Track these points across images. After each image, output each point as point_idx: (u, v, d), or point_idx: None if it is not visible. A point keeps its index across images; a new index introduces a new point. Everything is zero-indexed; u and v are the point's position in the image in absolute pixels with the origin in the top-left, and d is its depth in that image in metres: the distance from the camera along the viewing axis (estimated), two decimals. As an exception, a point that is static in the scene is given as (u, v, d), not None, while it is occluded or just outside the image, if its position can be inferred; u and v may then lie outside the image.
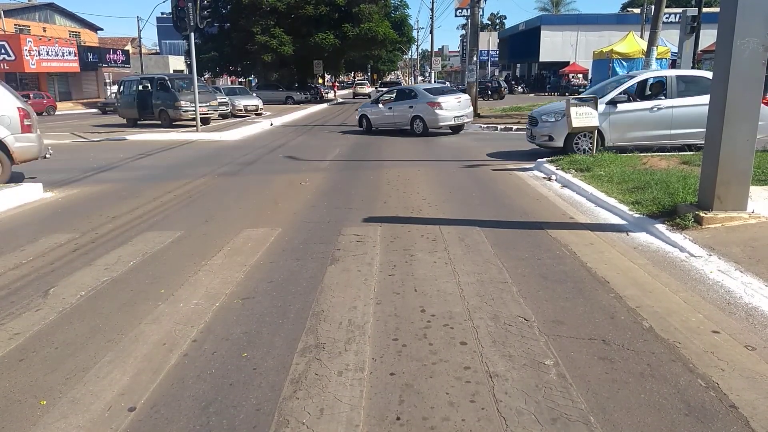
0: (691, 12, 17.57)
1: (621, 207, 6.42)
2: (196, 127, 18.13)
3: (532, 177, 9.20)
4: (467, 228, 5.99)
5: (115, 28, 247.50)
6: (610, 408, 2.70)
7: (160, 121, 20.94)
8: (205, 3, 21.38)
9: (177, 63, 51.85)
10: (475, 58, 21.38)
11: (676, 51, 20.07)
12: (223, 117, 23.75)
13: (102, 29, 55.31)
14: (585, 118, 9.62)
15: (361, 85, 56.72)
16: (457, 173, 9.82)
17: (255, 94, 30.21)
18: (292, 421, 2.67)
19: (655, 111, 10.33)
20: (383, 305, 3.99)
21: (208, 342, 3.51)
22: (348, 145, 14.88)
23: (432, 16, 46.36)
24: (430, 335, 3.51)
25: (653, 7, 17.13)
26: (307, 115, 28.15)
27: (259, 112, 26.91)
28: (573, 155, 9.77)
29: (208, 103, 21.05)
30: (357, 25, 36.62)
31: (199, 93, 18.51)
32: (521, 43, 54.69)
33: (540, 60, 50.79)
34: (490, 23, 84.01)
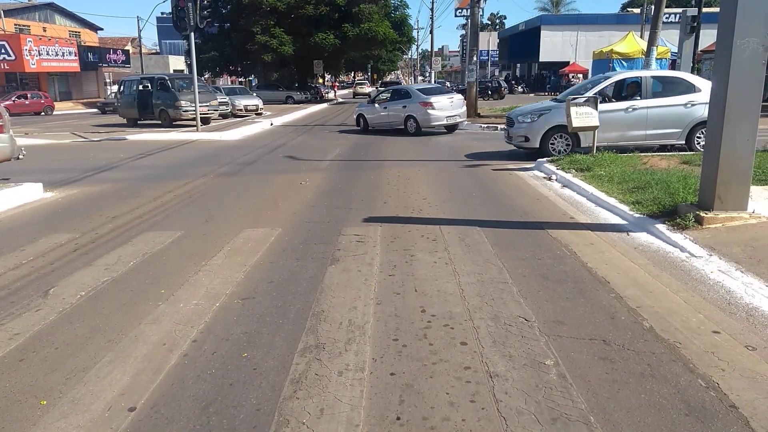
0: (691, 12, 17.60)
1: (621, 207, 6.42)
2: (196, 127, 18.14)
3: (533, 177, 9.20)
4: (467, 228, 5.99)
5: (115, 28, 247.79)
6: (611, 408, 2.70)
7: (160, 121, 20.95)
8: (205, 3, 21.40)
9: (177, 63, 51.88)
10: (475, 58, 21.37)
11: (676, 51, 20.10)
12: (224, 117, 23.76)
13: (102, 29, 55.43)
14: (585, 117, 9.59)
15: (361, 85, 56.76)
16: (458, 173, 9.82)
17: (255, 94, 30.23)
18: (292, 421, 2.67)
19: (630, 111, 10.36)
20: (383, 305, 3.99)
21: (208, 342, 3.51)
22: (348, 145, 14.88)
23: (432, 16, 46.40)
24: (431, 335, 3.51)
25: (653, 7, 17.13)
26: (307, 114, 28.15)
27: (259, 111, 26.93)
28: (573, 155, 9.77)
29: (208, 103, 21.05)
30: (357, 25, 36.66)
31: (199, 93, 18.52)
32: (521, 43, 54.70)
33: (540, 60, 50.80)
34: (490, 23, 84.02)
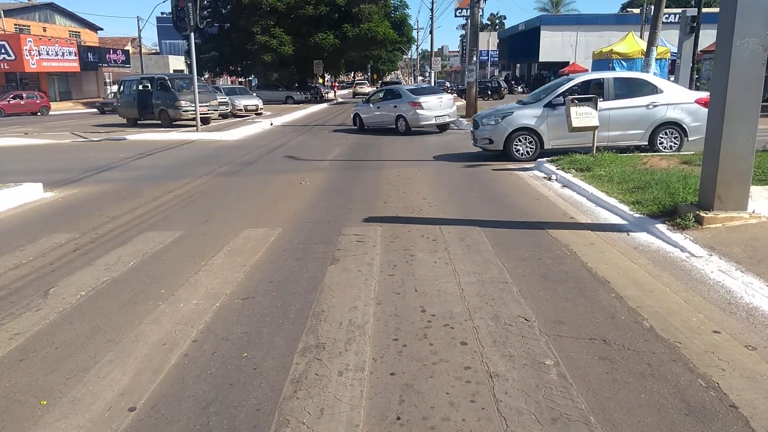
0: (691, 12, 17.59)
1: (621, 207, 6.42)
2: (196, 127, 18.14)
3: (532, 177, 9.20)
4: (467, 228, 5.99)
5: (115, 28, 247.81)
6: (611, 408, 2.70)
7: (160, 121, 20.95)
8: (205, 3, 21.40)
9: (177, 63, 51.88)
10: (474, 58, 21.37)
11: (676, 51, 20.08)
12: (223, 117, 23.76)
13: (102, 29, 55.41)
14: (585, 118, 9.58)
15: (360, 85, 56.79)
16: (457, 173, 9.82)
17: (255, 94, 30.25)
18: (293, 421, 2.67)
19: None
20: (383, 305, 3.99)
21: (208, 342, 3.51)
22: (348, 145, 14.88)
23: (432, 16, 46.21)
24: (431, 335, 3.51)
25: (653, 7, 17.12)
26: (307, 114, 28.15)
27: (259, 111, 26.93)
28: (572, 155, 9.76)
29: (208, 103, 21.06)
30: (357, 25, 36.67)
31: (199, 93, 18.52)
32: (521, 43, 54.70)
33: (540, 60, 50.80)
34: (489, 23, 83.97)
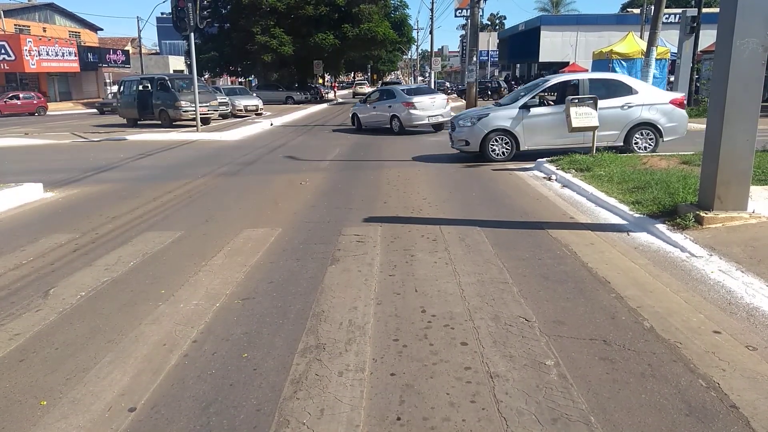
0: (691, 12, 17.63)
1: (621, 207, 6.42)
2: (196, 127, 18.14)
3: (532, 177, 9.20)
4: (467, 228, 5.99)
5: (115, 28, 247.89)
6: (611, 408, 2.70)
7: (160, 121, 20.96)
8: (205, 3, 21.38)
9: (177, 63, 51.88)
10: (474, 59, 21.37)
11: (676, 51, 20.09)
12: (223, 117, 23.76)
13: (102, 29, 55.40)
14: (585, 118, 9.58)
15: (360, 85, 56.76)
16: (457, 173, 9.82)
17: (255, 94, 30.24)
18: (293, 421, 2.66)
19: None
20: (384, 305, 3.99)
21: (208, 342, 3.51)
22: (348, 145, 14.88)
23: (432, 16, 46.27)
24: (431, 336, 3.51)
25: (653, 7, 17.13)
26: (307, 115, 28.15)
27: (259, 112, 26.92)
28: (572, 155, 9.75)
29: (208, 103, 21.06)
30: (357, 26, 36.65)
31: (199, 93, 18.53)
32: (521, 43, 54.65)
33: (540, 60, 50.72)
34: (489, 23, 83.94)
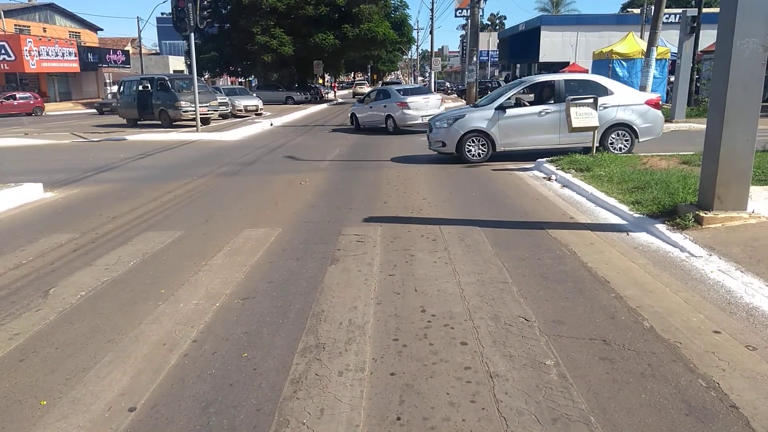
0: (691, 12, 17.58)
1: (621, 207, 6.42)
2: (196, 128, 18.14)
3: (532, 177, 9.20)
4: (467, 228, 5.99)
5: (115, 28, 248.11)
6: (611, 408, 2.70)
7: (160, 121, 20.96)
8: (205, 3, 21.39)
9: (177, 63, 51.88)
10: (474, 59, 21.38)
11: (676, 51, 20.06)
12: (223, 117, 23.76)
13: (102, 29, 55.40)
14: (585, 118, 9.57)
15: (360, 85, 56.68)
16: (457, 173, 9.82)
17: (255, 95, 30.23)
18: (293, 421, 2.66)
19: (543, 115, 10.41)
20: (383, 305, 3.99)
21: (208, 342, 3.51)
22: (348, 145, 14.88)
23: (432, 16, 46.27)
24: (431, 335, 3.51)
25: (653, 7, 17.13)
26: (307, 115, 28.15)
27: (259, 112, 26.92)
28: (572, 155, 9.75)
29: (208, 104, 21.07)
30: (357, 26, 36.65)
31: (199, 93, 18.53)
32: (521, 43, 54.63)
33: (540, 60, 50.68)
34: (490, 23, 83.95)
